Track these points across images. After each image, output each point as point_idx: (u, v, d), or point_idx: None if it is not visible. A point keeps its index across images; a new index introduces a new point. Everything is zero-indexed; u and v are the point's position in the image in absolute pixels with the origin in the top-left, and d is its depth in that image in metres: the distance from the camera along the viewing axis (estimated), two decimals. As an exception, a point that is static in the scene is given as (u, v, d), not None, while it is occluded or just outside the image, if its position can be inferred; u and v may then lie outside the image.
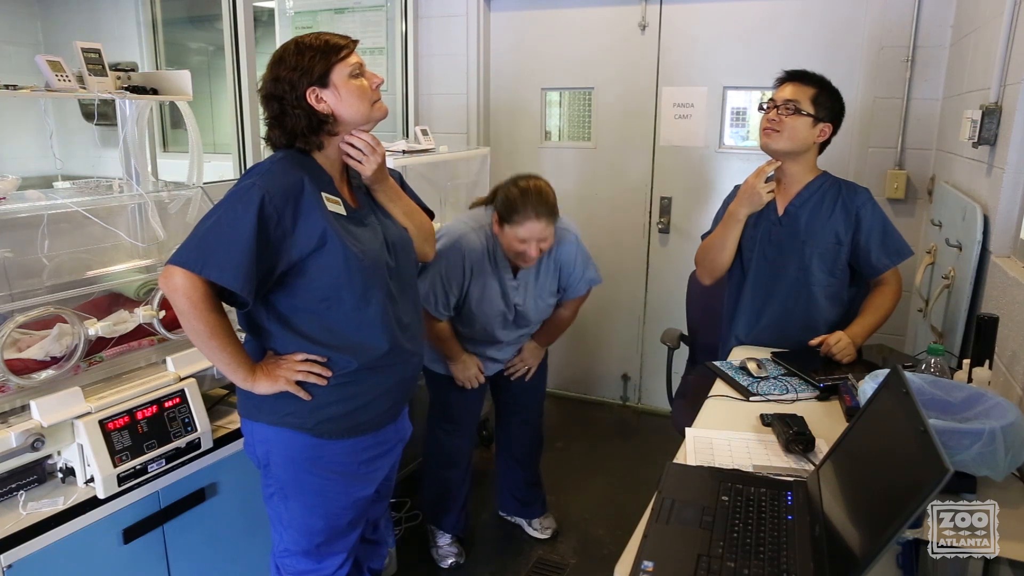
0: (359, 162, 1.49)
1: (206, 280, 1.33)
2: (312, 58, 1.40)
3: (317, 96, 1.42)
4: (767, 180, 1.94)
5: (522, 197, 2.01)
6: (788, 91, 1.92)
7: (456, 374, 2.25)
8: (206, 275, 1.32)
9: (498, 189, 2.11)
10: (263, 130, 1.53)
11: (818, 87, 1.91)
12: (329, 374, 1.46)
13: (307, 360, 1.44)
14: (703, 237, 2.16)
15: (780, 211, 1.99)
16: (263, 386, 1.43)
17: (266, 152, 2.65)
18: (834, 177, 1.99)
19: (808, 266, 1.96)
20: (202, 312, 1.34)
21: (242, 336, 1.51)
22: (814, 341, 1.87)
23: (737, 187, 2.12)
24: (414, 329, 1.59)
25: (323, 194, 1.43)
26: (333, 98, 1.42)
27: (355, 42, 1.47)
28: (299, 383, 1.45)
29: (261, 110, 1.49)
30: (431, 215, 1.75)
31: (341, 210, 1.45)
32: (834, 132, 1.94)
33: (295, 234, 1.38)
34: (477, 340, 2.27)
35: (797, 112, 1.88)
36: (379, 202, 1.58)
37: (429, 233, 1.70)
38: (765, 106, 1.96)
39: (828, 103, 1.91)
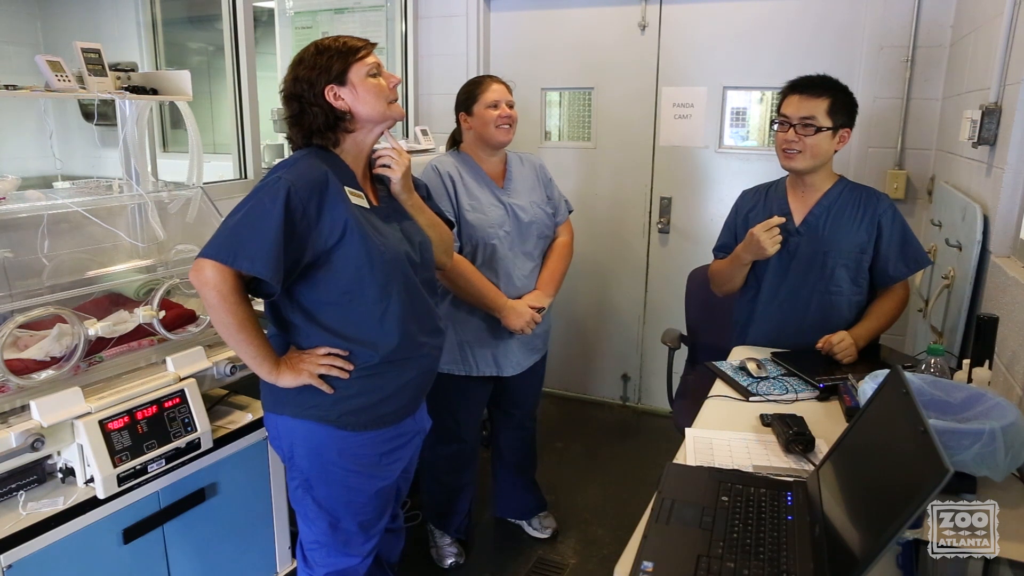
0: (389, 167, 1.56)
1: (236, 273, 1.37)
2: (331, 57, 1.48)
3: (335, 94, 1.48)
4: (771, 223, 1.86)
5: (473, 79, 2.19)
6: (801, 106, 1.83)
7: (512, 325, 2.13)
8: (238, 266, 1.36)
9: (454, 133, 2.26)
10: (264, 131, 1.56)
11: (830, 96, 1.83)
12: (351, 367, 1.49)
13: (330, 354, 1.48)
14: (714, 251, 2.12)
15: (798, 221, 1.93)
16: (287, 379, 1.46)
17: (267, 152, 2.68)
18: (852, 182, 1.94)
19: (832, 276, 1.90)
20: (231, 305, 1.38)
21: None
22: (819, 344, 1.84)
23: (745, 192, 2.09)
24: (434, 323, 1.63)
25: (346, 188, 1.48)
26: (350, 95, 1.48)
27: (373, 44, 1.54)
28: (322, 377, 1.48)
29: (275, 112, 1.53)
30: (451, 226, 1.82)
31: (364, 203, 1.51)
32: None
33: (320, 225, 1.43)
34: (497, 276, 2.15)
35: (816, 130, 1.81)
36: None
37: (448, 244, 1.77)
38: (777, 122, 1.88)
39: (843, 108, 1.83)
